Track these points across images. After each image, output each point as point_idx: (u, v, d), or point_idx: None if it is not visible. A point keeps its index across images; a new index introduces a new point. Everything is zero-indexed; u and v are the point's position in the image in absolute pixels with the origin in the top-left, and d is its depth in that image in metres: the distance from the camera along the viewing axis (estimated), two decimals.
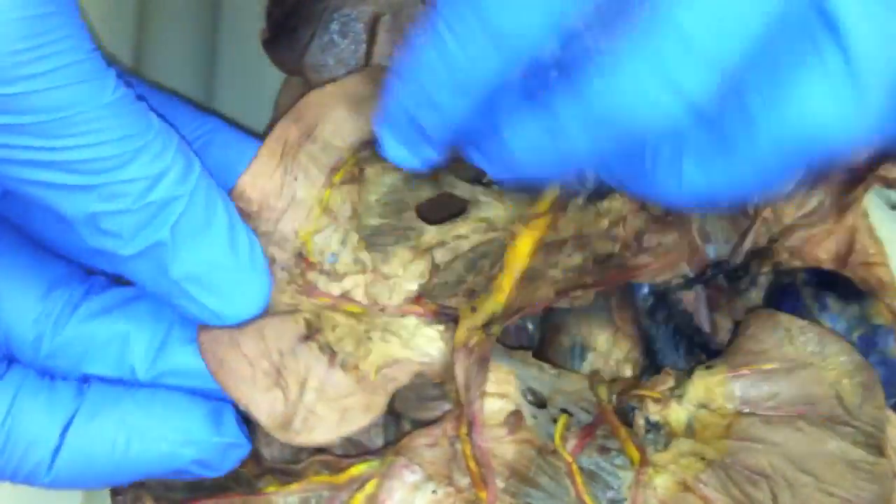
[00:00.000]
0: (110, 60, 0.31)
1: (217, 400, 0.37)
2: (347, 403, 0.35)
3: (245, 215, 0.37)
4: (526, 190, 0.38)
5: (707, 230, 0.48)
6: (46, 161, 0.30)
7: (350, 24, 0.43)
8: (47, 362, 0.36)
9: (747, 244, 0.47)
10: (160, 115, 0.34)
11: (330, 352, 0.36)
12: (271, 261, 0.37)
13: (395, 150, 0.33)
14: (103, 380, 0.37)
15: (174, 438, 0.35)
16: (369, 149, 0.39)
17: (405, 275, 0.38)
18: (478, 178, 0.40)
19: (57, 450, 0.34)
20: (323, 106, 0.38)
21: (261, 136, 0.40)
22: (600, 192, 0.39)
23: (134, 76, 0.40)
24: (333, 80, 0.43)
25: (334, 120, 0.38)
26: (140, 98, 0.33)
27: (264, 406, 0.34)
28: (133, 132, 0.31)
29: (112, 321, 0.37)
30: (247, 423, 0.38)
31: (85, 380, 0.37)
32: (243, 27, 0.53)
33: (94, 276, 0.38)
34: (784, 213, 0.47)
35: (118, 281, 0.39)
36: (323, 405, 0.35)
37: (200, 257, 0.34)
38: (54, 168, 0.30)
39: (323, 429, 0.35)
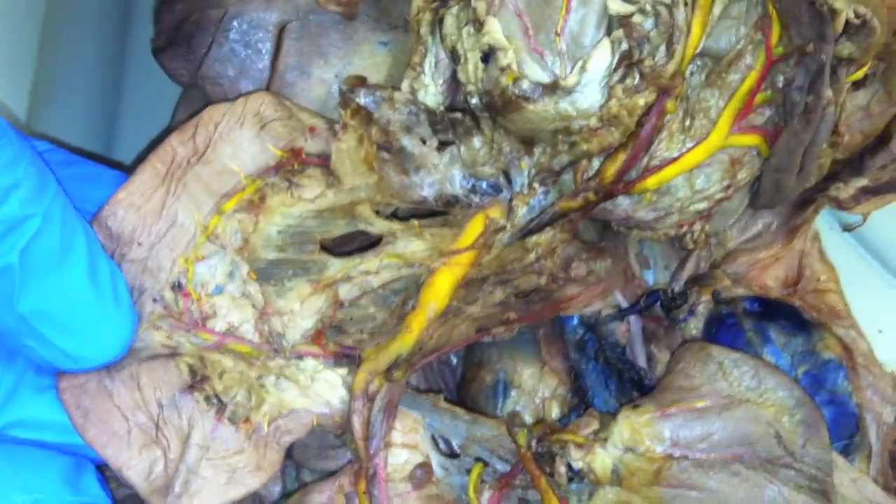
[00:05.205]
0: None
1: (75, 455, 0.34)
2: (236, 462, 0.34)
3: (113, 239, 0.35)
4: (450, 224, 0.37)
5: (645, 255, 0.47)
6: None
7: (252, 31, 0.42)
8: None
9: (688, 270, 0.46)
10: None
11: (218, 403, 0.35)
12: (140, 291, 0.35)
13: None
14: None
15: (22, 499, 0.32)
16: (278, 175, 0.37)
17: (302, 310, 0.37)
18: (396, 213, 0.39)
19: None
20: (221, 124, 0.37)
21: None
22: (530, 230, 0.38)
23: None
24: (235, 93, 0.42)
25: (235, 141, 0.37)
26: None
27: (140, 467, 0.33)
28: None
29: None
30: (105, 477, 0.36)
31: None
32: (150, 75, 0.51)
33: None
34: (727, 236, 0.46)
35: None
36: (208, 465, 0.34)
37: (55, 290, 0.31)
38: None
39: (208, 493, 0.33)
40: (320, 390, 0.36)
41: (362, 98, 0.38)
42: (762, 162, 0.40)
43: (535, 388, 0.42)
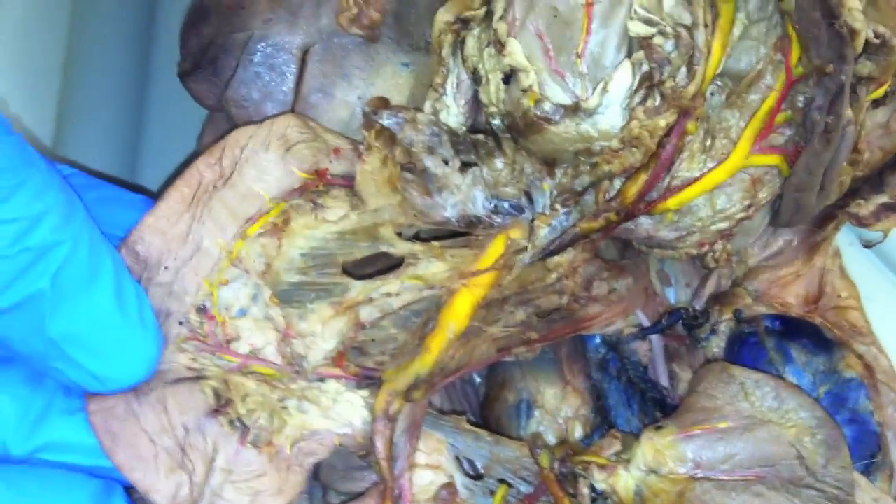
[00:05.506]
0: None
1: (104, 478, 0.35)
2: (258, 486, 0.35)
3: (140, 263, 0.36)
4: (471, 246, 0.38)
5: (666, 273, 0.48)
6: None
7: (276, 54, 0.43)
8: None
9: (709, 288, 0.47)
10: None
11: (241, 427, 0.35)
12: (166, 314, 0.36)
13: None
14: None
15: None
16: (303, 197, 0.38)
17: (323, 332, 0.37)
18: (418, 235, 0.40)
19: None
20: (247, 147, 0.38)
21: None
22: (551, 251, 0.39)
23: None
24: (260, 116, 0.43)
25: (260, 164, 0.38)
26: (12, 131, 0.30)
27: (166, 490, 0.34)
28: (9, 164, 0.29)
29: None
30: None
31: None
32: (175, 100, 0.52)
33: None
34: (748, 253, 0.47)
35: None
36: (231, 488, 0.34)
37: (83, 313, 0.32)
38: None
39: None
40: (342, 412, 0.36)
41: (385, 119, 0.39)
42: (783, 181, 0.41)
43: (558, 408, 0.43)
